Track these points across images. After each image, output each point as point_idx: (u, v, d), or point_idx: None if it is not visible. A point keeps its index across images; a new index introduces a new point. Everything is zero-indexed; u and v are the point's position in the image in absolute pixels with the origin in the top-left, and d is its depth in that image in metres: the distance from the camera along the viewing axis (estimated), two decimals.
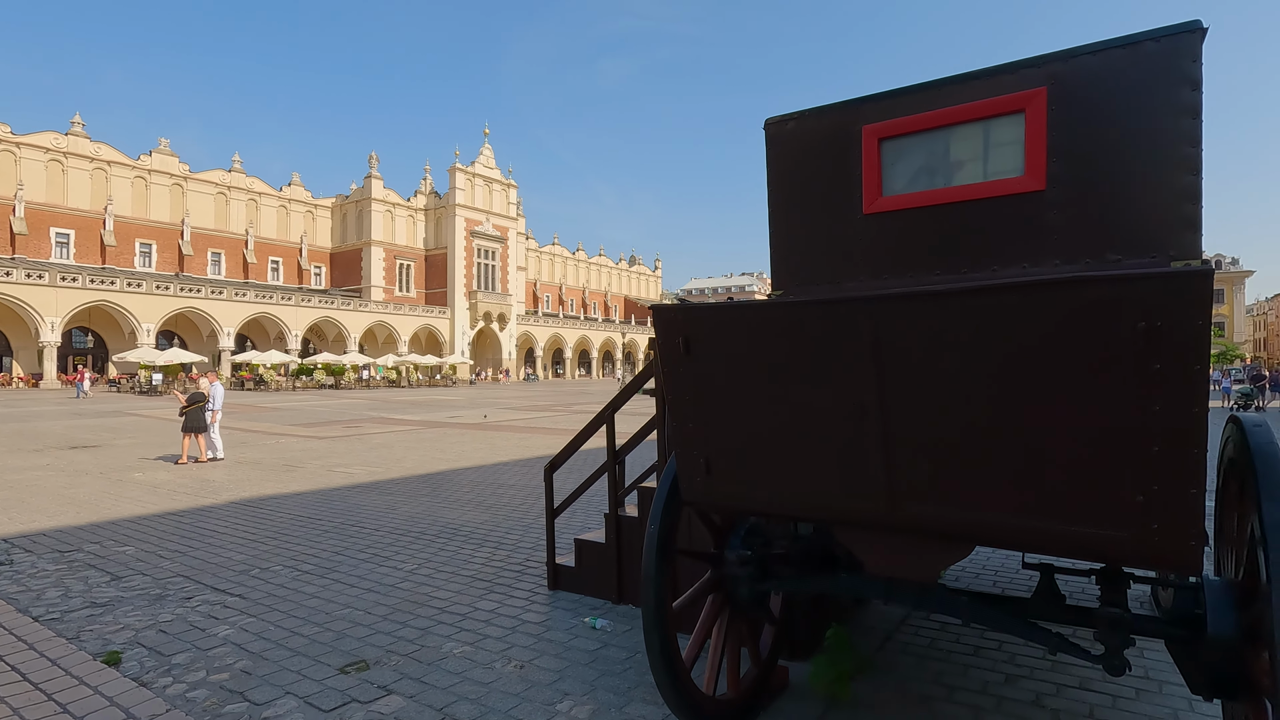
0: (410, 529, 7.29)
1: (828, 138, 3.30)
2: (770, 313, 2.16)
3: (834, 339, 2.03)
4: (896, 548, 2.41)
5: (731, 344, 2.25)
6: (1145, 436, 1.65)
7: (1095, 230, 2.69)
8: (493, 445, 15.45)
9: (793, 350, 2.13)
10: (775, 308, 2.15)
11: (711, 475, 2.47)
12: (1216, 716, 3.18)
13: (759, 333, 2.19)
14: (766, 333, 2.17)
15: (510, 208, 73.44)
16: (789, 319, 2.11)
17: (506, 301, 70.35)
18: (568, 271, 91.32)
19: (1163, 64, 2.56)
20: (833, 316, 2.01)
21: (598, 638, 4.22)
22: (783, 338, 2.14)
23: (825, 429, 2.15)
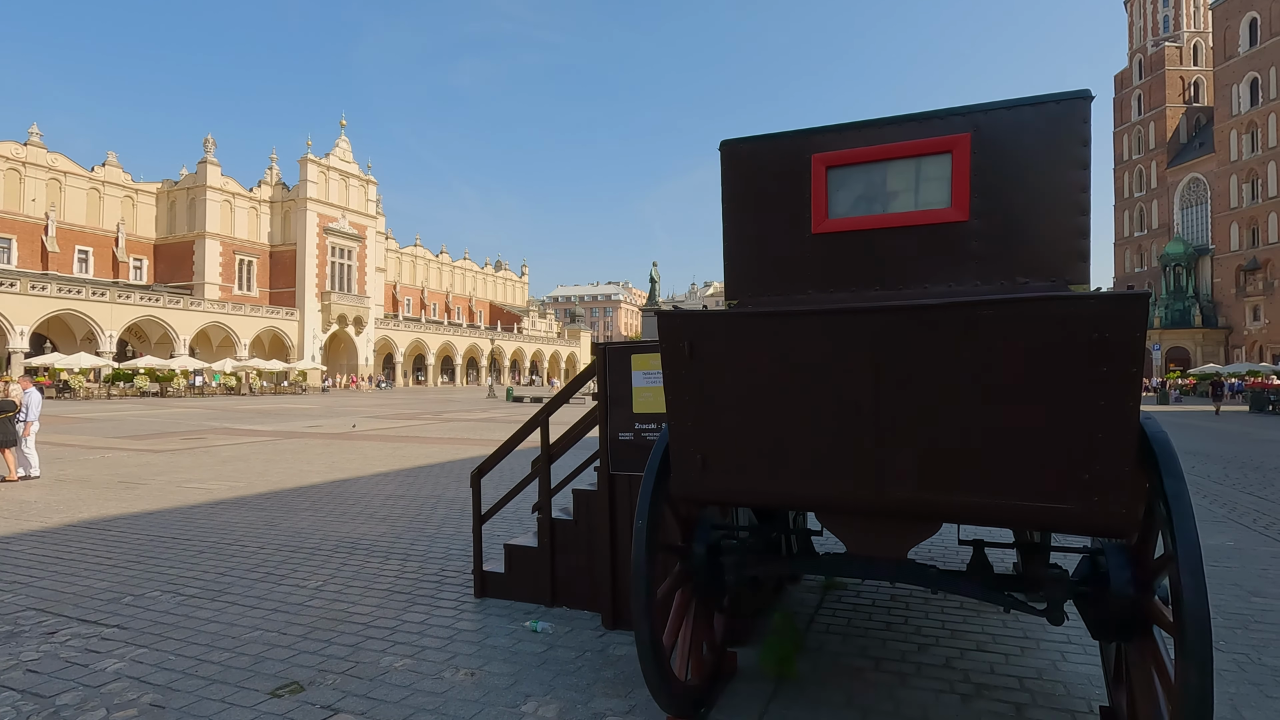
0: (300, 545, 6.80)
1: (781, 162, 3.60)
2: (775, 320, 2.38)
3: (835, 345, 2.29)
4: (876, 529, 2.72)
5: (736, 348, 2.44)
6: (1091, 425, 2.05)
7: (1007, 257, 3.19)
8: (365, 456, 14.62)
9: (795, 355, 2.36)
10: (781, 316, 2.38)
11: (707, 470, 2.64)
12: (1083, 660, 3.83)
13: (763, 338, 2.40)
14: (770, 338, 2.39)
15: (369, 205, 69.47)
16: (793, 326, 2.34)
17: (364, 304, 66.35)
18: (430, 274, 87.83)
19: (1061, 122, 3.10)
20: (835, 325, 2.27)
21: (542, 640, 4.24)
22: (786, 343, 2.36)
23: (821, 425, 2.40)
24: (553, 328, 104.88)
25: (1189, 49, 73.80)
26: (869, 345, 2.23)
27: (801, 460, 2.49)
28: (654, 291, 53.27)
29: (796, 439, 2.46)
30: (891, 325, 2.20)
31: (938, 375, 2.19)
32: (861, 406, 2.31)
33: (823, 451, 2.43)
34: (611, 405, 4.49)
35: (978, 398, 2.17)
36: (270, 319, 59.00)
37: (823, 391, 2.36)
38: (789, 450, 2.49)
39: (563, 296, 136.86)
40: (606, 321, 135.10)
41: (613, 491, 4.48)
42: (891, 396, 2.27)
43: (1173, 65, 73.37)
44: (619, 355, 4.49)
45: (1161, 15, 76.10)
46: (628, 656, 3.97)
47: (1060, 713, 3.27)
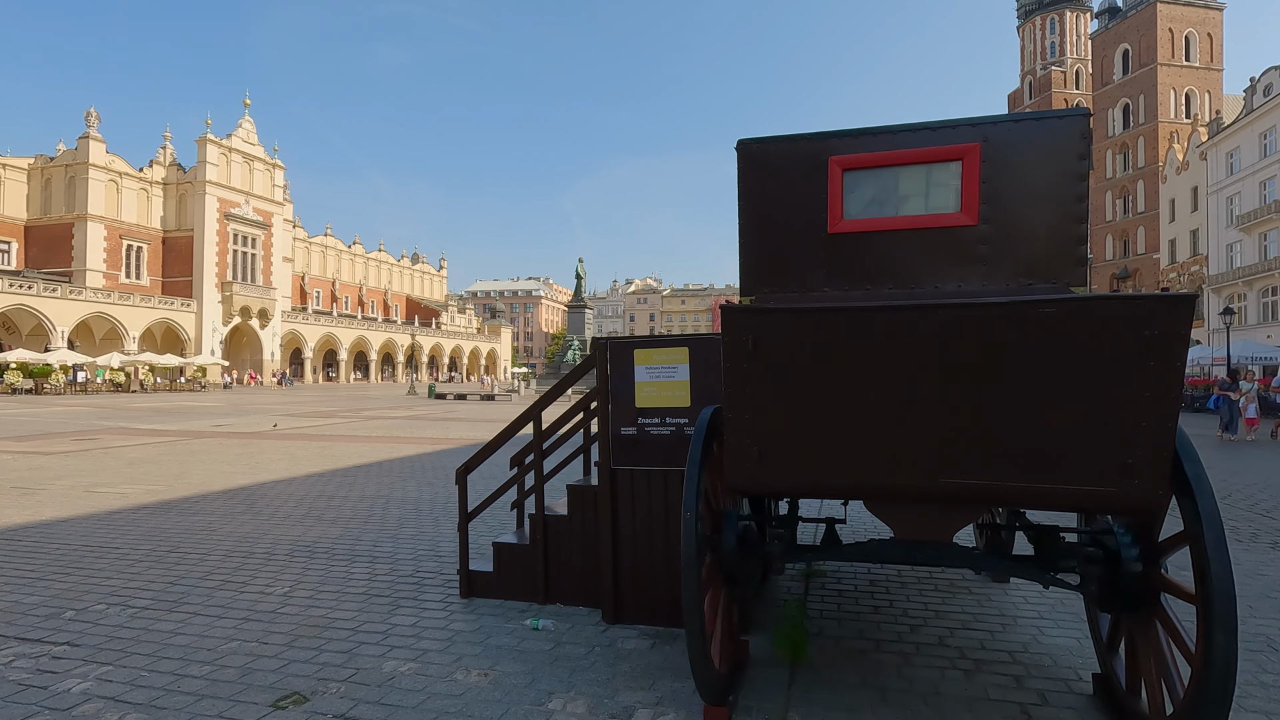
0: (251, 550, 6.39)
1: (797, 163, 3.72)
2: (839, 315, 2.46)
3: (902, 339, 2.40)
4: (925, 515, 2.86)
5: (800, 343, 2.51)
6: (1138, 413, 2.25)
7: (1013, 260, 3.43)
8: (293, 456, 13.85)
9: (861, 349, 2.45)
10: (845, 311, 2.46)
11: (763, 462, 2.70)
12: (1059, 634, 4.16)
13: (829, 333, 2.48)
14: (837, 333, 2.47)
15: (276, 191, 65.58)
16: (862, 321, 2.43)
17: (270, 295, 62.61)
18: (343, 266, 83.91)
19: (1062, 136, 3.36)
20: (905, 320, 2.37)
21: (546, 637, 4.18)
22: (853, 338, 2.45)
23: (881, 417, 2.51)
24: (473, 323, 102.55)
25: (1072, 73, 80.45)
26: (935, 340, 2.36)
27: (860, 451, 2.59)
28: (580, 287, 53.11)
29: (856, 430, 2.56)
30: (959, 321, 2.33)
31: (998, 368, 2.34)
32: (923, 398, 2.44)
33: (882, 442, 2.54)
34: (614, 400, 4.48)
35: (1034, 389, 2.33)
36: (163, 310, 54.70)
37: (885, 384, 2.47)
38: (848, 441, 2.59)
39: (482, 291, 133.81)
40: (527, 317, 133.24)
41: (614, 486, 4.47)
42: (953, 388, 2.40)
43: (1058, 88, 79.77)
44: (621, 350, 4.49)
45: (1049, 41, 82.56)
46: (638, 650, 3.99)
47: (1055, 681, 3.55)
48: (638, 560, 4.41)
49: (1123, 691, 3.08)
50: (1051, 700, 3.34)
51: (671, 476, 4.35)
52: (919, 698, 3.37)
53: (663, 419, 4.36)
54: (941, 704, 3.31)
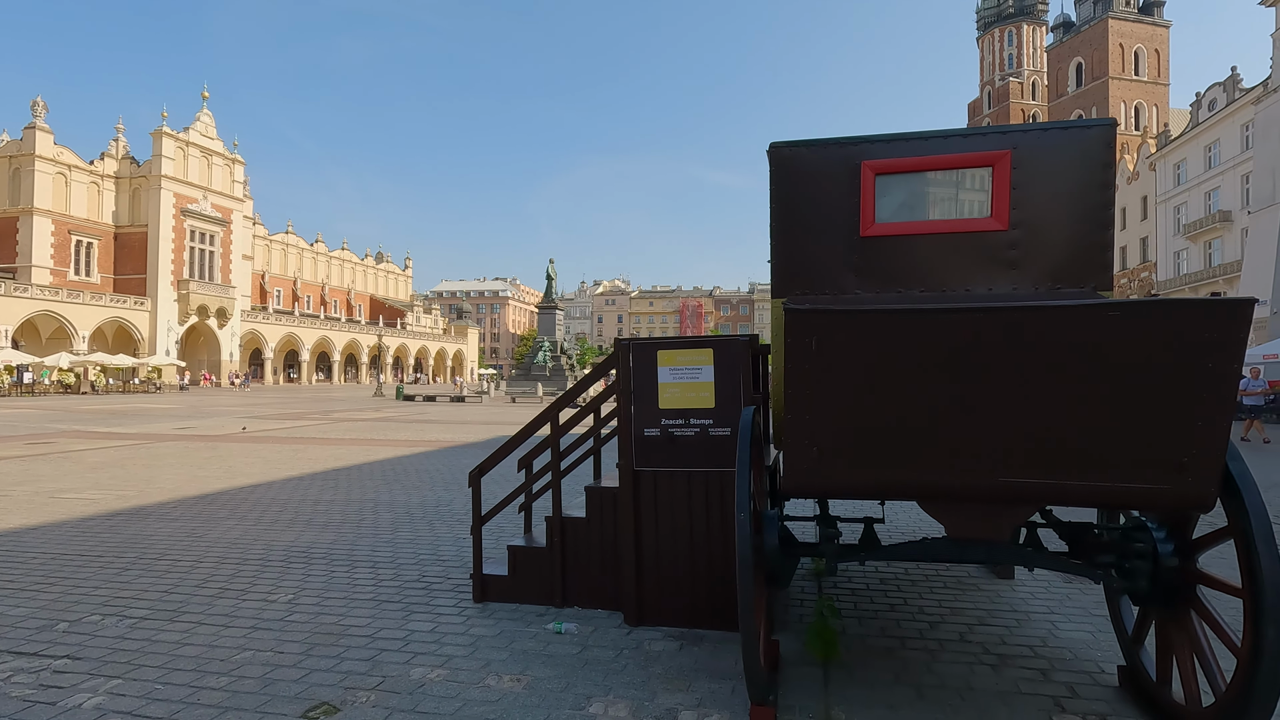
0: (245, 557, 6.20)
1: (830, 167, 3.76)
2: (904, 317, 2.49)
3: (965, 341, 2.44)
4: (981, 514, 2.92)
5: (865, 344, 2.54)
6: (1195, 413, 2.34)
7: (1043, 265, 3.52)
8: (266, 460, 13.46)
9: (927, 350, 2.49)
10: (910, 313, 2.49)
11: (822, 463, 2.72)
12: (1071, 628, 4.28)
13: (893, 334, 2.51)
14: (904, 334, 2.50)
15: (235, 187, 63.71)
16: (925, 323, 2.47)
17: (229, 294, 60.79)
18: (304, 264, 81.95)
19: (1088, 146, 3.47)
20: (969, 322, 2.42)
21: (571, 641, 4.14)
22: (916, 339, 2.49)
23: (945, 417, 2.55)
24: (439, 324, 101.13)
25: (1029, 85, 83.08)
26: (1004, 342, 2.41)
27: (922, 451, 2.63)
28: (550, 289, 52.80)
29: (918, 430, 2.60)
30: (1030, 323, 2.38)
31: (1063, 370, 2.40)
32: (988, 399, 2.49)
33: (944, 442, 2.59)
34: (636, 401, 4.46)
35: (1098, 390, 2.40)
36: (115, 309, 52.67)
37: (950, 385, 2.51)
38: (910, 441, 2.63)
39: (448, 291, 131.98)
40: (494, 318, 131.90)
41: (637, 488, 4.45)
42: (1019, 389, 2.46)
43: (1016, 98, 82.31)
44: (645, 351, 4.48)
45: (1007, 53, 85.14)
46: (666, 652, 3.98)
47: (1079, 674, 3.65)
48: (661, 562, 4.40)
49: (1152, 683, 3.18)
50: (1081, 692, 3.44)
51: (695, 478, 4.36)
52: (954, 693, 3.43)
53: (686, 420, 4.37)
54: (976, 699, 3.37)
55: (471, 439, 17.61)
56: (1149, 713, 3.17)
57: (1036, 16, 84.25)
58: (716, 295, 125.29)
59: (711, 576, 4.31)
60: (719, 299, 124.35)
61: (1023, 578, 5.36)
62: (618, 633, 4.28)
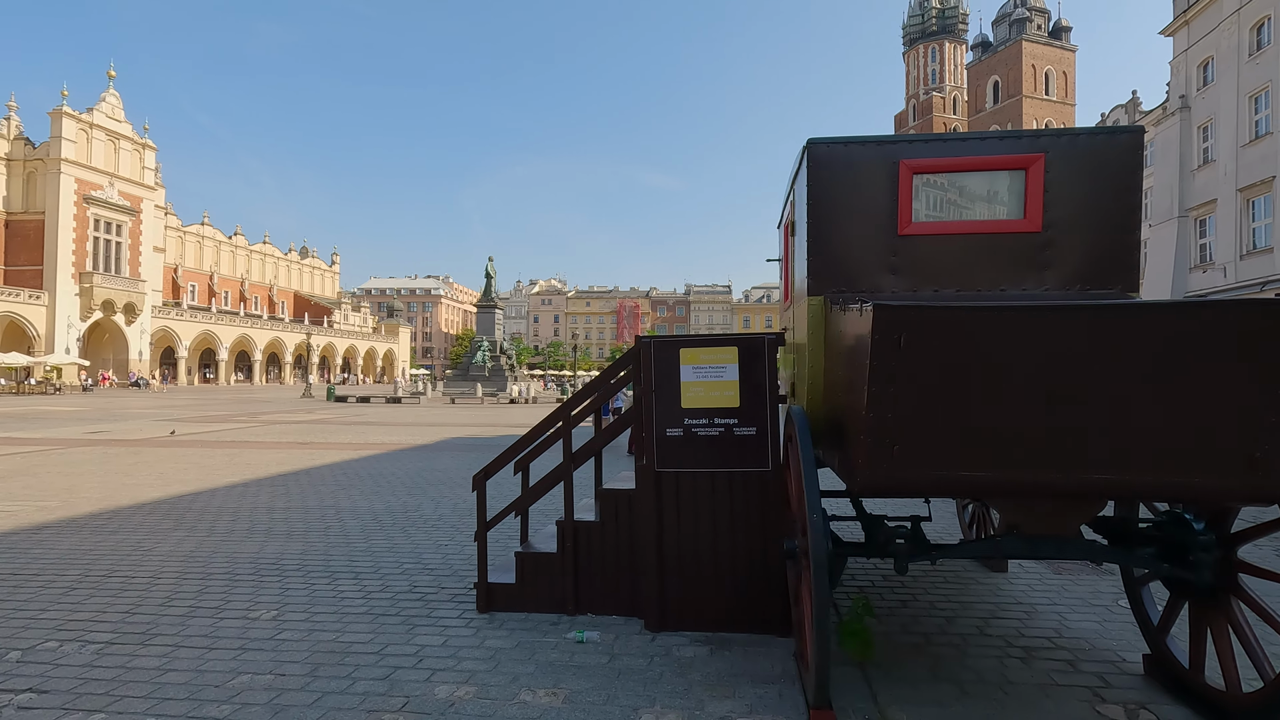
0: (207, 571, 5.71)
1: (868, 165, 3.75)
2: (998, 314, 2.47)
3: (1054, 340, 2.45)
4: (1053, 510, 2.94)
5: (954, 341, 2.51)
6: (1267, 409, 2.42)
7: (1074, 266, 3.62)
8: (201, 465, 12.58)
9: (1012, 348, 2.48)
10: (996, 311, 2.48)
11: (900, 460, 2.68)
12: (1079, 619, 4.43)
13: (982, 331, 2.49)
14: (990, 332, 2.48)
15: (146, 174, 59.46)
16: (1015, 321, 2.46)
17: (138, 288, 56.66)
18: (222, 258, 77.43)
19: (1118, 151, 3.59)
20: (1060, 321, 2.42)
21: (598, 650, 3.98)
22: (1004, 336, 2.48)
23: (1025, 415, 2.55)
24: (368, 322, 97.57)
25: (950, 99, 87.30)
26: (1092, 340, 2.43)
27: (1004, 448, 2.63)
28: (489, 287, 51.77)
29: (1000, 428, 2.60)
30: (1128, 322, 2.41)
31: (1144, 368, 2.44)
32: (1071, 397, 2.50)
33: (1028, 440, 2.59)
34: (658, 401, 4.34)
35: (1177, 388, 2.45)
36: (7, 302, 48.23)
37: (1034, 383, 2.52)
38: (992, 439, 2.62)
39: (378, 289, 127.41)
40: (426, 317, 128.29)
41: (659, 489, 4.33)
42: (1106, 387, 2.48)
43: (939, 112, 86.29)
44: (666, 349, 4.36)
45: (930, 69, 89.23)
46: (699, 658, 3.88)
47: (1104, 664, 3.77)
48: (683, 566, 4.30)
49: (1185, 670, 3.31)
50: (1112, 682, 3.55)
51: (719, 479, 4.27)
52: (994, 688, 3.48)
53: (710, 419, 4.28)
54: (1018, 692, 3.43)
55: (420, 441, 17.00)
56: (1182, 699, 3.29)
57: (957, 35, 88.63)
58: (654, 296, 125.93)
59: (736, 580, 4.23)
60: (656, 299, 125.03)
61: (1015, 571, 5.54)
62: (641, 640, 4.15)
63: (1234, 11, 29.55)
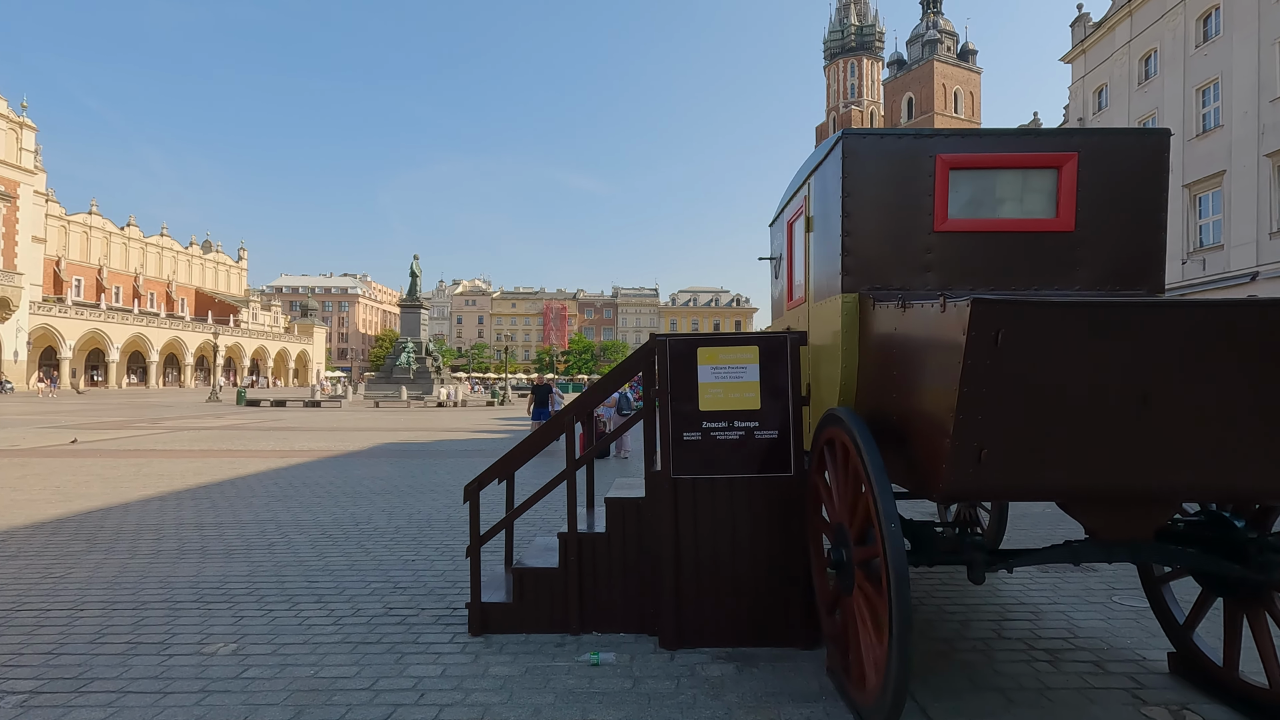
0: (140, 599, 5.02)
1: (903, 159, 3.63)
2: (1105, 311, 2.34)
3: (1158, 339, 2.34)
4: (1128, 513, 2.86)
5: (1048, 338, 2.37)
6: None
7: (1106, 265, 3.61)
8: (105, 478, 11.33)
9: (1114, 346, 2.37)
10: (1113, 307, 2.35)
11: (984, 464, 2.53)
12: (1087, 617, 4.47)
13: (1086, 329, 2.36)
14: (1093, 329, 2.36)
15: (23, 156, 54.01)
16: (1123, 318, 2.34)
17: (13, 282, 51.31)
18: (113, 251, 71.31)
19: (1147, 151, 3.61)
20: (1177, 319, 2.31)
21: (615, 673, 3.67)
22: (1109, 334, 2.36)
23: (1121, 417, 2.45)
24: (279, 321, 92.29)
25: (868, 113, 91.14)
26: (1204, 338, 2.34)
27: (1094, 451, 2.52)
28: (415, 286, 49.93)
29: (1094, 430, 2.49)
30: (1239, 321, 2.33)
31: (1231, 370, 2.39)
32: (1164, 398, 2.42)
33: (1120, 442, 2.49)
34: (674, 403, 4.07)
35: (1260, 390, 2.40)
36: None
37: (1135, 384, 2.42)
38: (1083, 441, 2.51)
39: (289, 287, 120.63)
40: (343, 317, 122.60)
41: (676, 497, 4.06)
42: (1203, 387, 2.41)
43: (857, 125, 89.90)
44: (683, 348, 4.10)
45: (849, 83, 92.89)
46: (727, 676, 3.64)
47: (1128, 663, 3.79)
48: (701, 578, 4.05)
49: (1217, 667, 3.33)
50: (1145, 682, 3.55)
51: (738, 485, 4.05)
52: (1036, 694, 3.41)
53: (730, 422, 4.05)
54: (1061, 698, 3.37)
55: (352, 447, 16.02)
56: (1217, 697, 3.31)
57: (875, 52, 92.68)
58: (581, 298, 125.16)
59: (756, 591, 4.02)
60: (583, 301, 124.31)
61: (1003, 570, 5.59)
62: (660, 659, 3.87)
63: (1125, 43, 32.08)
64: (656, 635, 4.16)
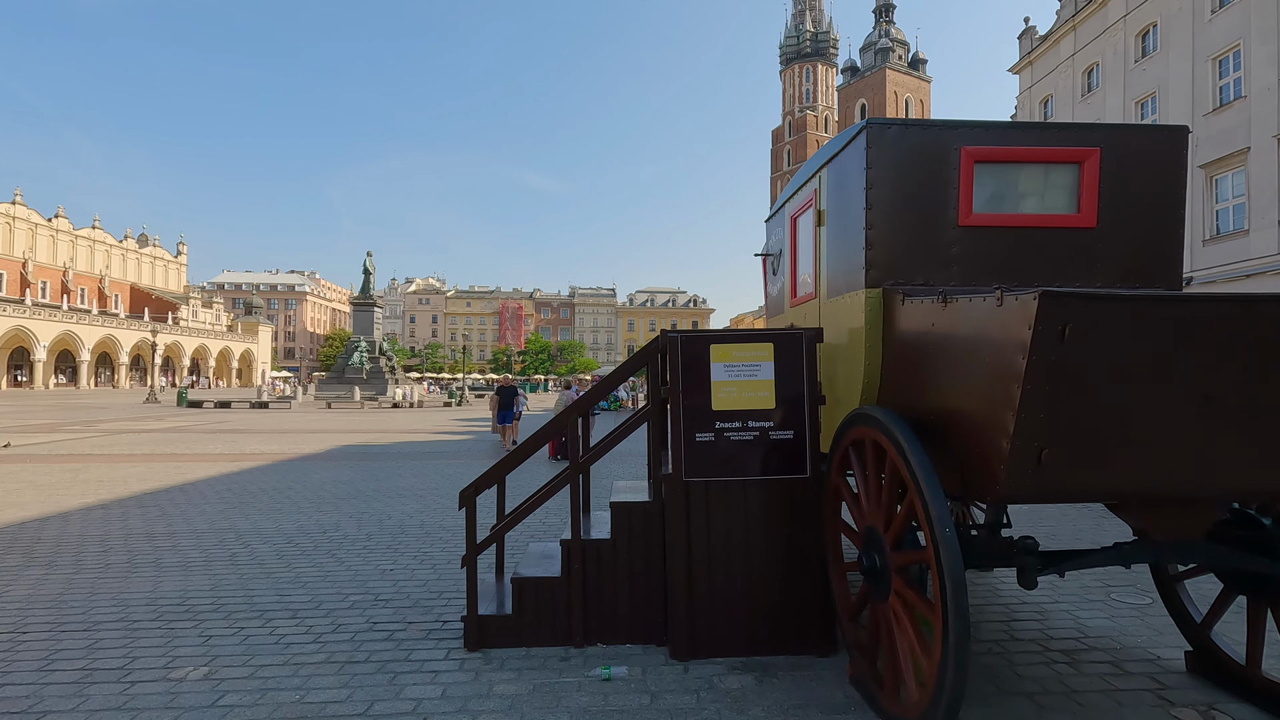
0: (91, 619, 4.58)
1: (927, 150, 3.53)
2: (1185, 305, 2.25)
3: (1231, 335, 2.26)
4: (1182, 514, 2.79)
5: (1118, 333, 2.27)
6: None
7: (1127, 262, 3.58)
8: (38, 485, 10.53)
9: (1191, 342, 2.28)
10: (1178, 301, 2.26)
11: (1043, 466, 2.42)
12: (1092, 615, 4.46)
13: (1151, 324, 2.27)
14: (1170, 324, 2.26)
15: None
16: (1201, 313, 2.24)
17: None
18: (39, 244, 67.30)
19: (1167, 149, 3.59)
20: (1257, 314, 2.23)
21: (631, 689, 3.46)
22: (1185, 330, 2.26)
23: (1189, 415, 2.37)
24: (221, 319, 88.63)
25: (823, 118, 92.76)
26: (1253, 339, 2.27)
27: (1151, 451, 2.44)
28: (368, 283, 48.57)
29: (1161, 429, 2.40)
30: None
31: None
32: (1239, 395, 2.35)
33: (1185, 441, 2.41)
34: (686, 402, 3.89)
35: None
36: None
37: (1204, 381, 2.34)
38: (1149, 441, 2.42)
39: (232, 283, 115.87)
40: (289, 315, 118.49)
41: (688, 501, 3.88)
42: (1254, 386, 2.35)
43: (812, 130, 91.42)
44: (695, 344, 3.92)
45: (804, 88, 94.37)
46: (747, 688, 3.47)
47: (1145, 662, 3.77)
48: (714, 585, 3.87)
49: (1239, 665, 3.32)
50: (1166, 682, 3.53)
51: (752, 487, 3.90)
52: (1064, 698, 3.35)
53: (744, 422, 3.89)
54: (1089, 701, 3.31)
55: (308, 450, 15.34)
56: (1241, 696, 3.30)
57: (829, 59, 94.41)
58: (537, 298, 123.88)
59: (771, 598, 3.87)
60: (540, 301, 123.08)
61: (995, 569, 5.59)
62: (673, 671, 3.68)
63: (1069, 56, 33.37)
64: (665, 646, 3.97)
